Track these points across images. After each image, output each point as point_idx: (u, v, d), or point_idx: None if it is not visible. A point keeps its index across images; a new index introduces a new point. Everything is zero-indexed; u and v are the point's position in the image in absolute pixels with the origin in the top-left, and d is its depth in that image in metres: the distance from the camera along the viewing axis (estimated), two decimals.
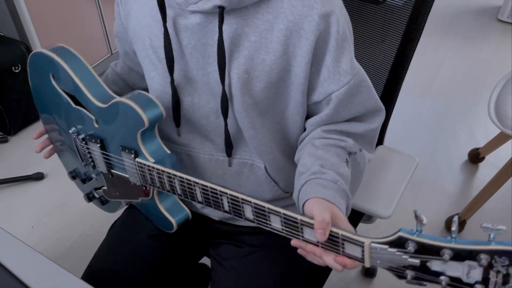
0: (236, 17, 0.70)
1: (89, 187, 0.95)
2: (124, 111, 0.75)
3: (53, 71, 0.82)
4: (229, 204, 0.68)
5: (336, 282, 1.55)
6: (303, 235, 0.63)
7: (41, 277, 0.69)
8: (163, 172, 0.73)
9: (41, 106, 0.94)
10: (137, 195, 0.83)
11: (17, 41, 2.06)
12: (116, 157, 0.81)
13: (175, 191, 0.74)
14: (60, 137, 0.94)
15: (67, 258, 1.63)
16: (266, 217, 0.65)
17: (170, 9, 0.74)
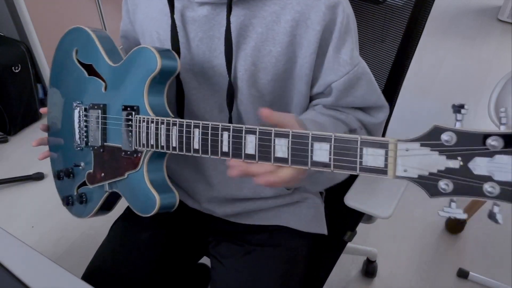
0: (243, 9, 0.71)
1: (72, 184, 0.92)
2: (139, 57, 0.74)
3: (80, 44, 0.86)
4: (230, 140, 0.61)
5: (336, 282, 1.55)
6: (313, 157, 0.54)
7: (41, 277, 0.69)
8: (162, 122, 0.69)
9: (54, 80, 0.95)
10: (124, 169, 0.78)
11: (17, 41, 2.06)
12: (114, 122, 0.79)
13: (169, 144, 0.69)
14: (58, 125, 0.94)
15: (67, 258, 1.63)
16: (271, 146, 0.58)
17: (177, 1, 0.75)
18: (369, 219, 1.08)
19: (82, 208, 0.90)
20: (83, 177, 0.87)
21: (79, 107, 0.84)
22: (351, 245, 1.43)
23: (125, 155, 0.76)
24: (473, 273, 1.55)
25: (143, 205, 0.77)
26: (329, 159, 0.52)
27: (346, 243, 1.03)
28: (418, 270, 1.60)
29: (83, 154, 0.87)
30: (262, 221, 0.90)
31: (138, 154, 0.74)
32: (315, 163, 0.54)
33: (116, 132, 0.78)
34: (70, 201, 0.92)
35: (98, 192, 0.85)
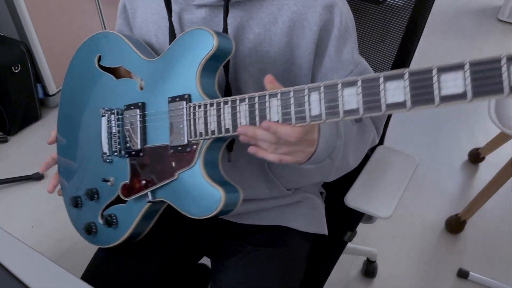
0: (240, 10, 0.71)
1: (96, 207, 0.82)
2: (190, 40, 0.68)
3: (104, 49, 0.81)
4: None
5: (336, 282, 1.55)
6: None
7: (41, 277, 0.69)
8: (226, 102, 0.62)
9: (68, 96, 0.87)
10: (174, 169, 0.69)
11: (17, 41, 2.06)
12: (157, 118, 0.72)
13: (222, 128, 0.63)
14: (74, 144, 0.86)
15: (67, 258, 1.63)
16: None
17: (175, 4, 0.75)
18: (369, 219, 1.08)
19: (111, 233, 0.80)
20: (112, 195, 0.78)
21: (108, 114, 0.78)
22: (351, 245, 1.43)
23: (174, 152, 0.69)
24: (473, 273, 1.55)
25: (202, 205, 0.67)
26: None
27: (346, 243, 1.03)
28: (418, 270, 1.60)
29: (114, 165, 0.78)
30: (263, 221, 0.90)
31: (193, 147, 0.67)
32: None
33: (160, 130, 0.71)
34: (93, 229, 0.82)
35: (134, 207, 0.76)
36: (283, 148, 0.60)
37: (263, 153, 0.60)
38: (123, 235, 0.78)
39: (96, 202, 0.81)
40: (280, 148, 0.59)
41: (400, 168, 1.01)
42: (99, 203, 0.81)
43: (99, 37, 0.83)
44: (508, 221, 1.76)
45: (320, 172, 0.78)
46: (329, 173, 0.78)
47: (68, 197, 0.87)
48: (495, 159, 1.97)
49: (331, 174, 0.80)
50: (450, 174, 1.97)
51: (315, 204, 0.93)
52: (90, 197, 0.81)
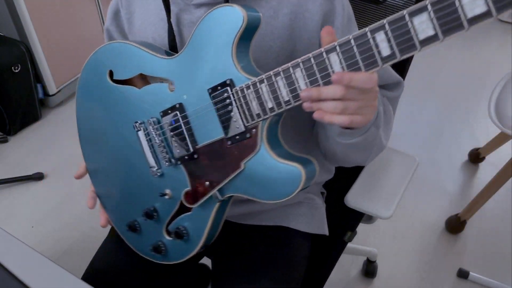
0: None
1: (159, 225, 0.77)
2: (212, 24, 0.63)
3: (112, 63, 0.74)
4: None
5: (336, 282, 1.55)
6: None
7: (41, 277, 0.69)
8: (277, 73, 0.58)
9: (87, 123, 0.81)
10: (238, 160, 0.65)
11: (17, 41, 2.06)
12: (202, 114, 0.67)
13: (280, 101, 0.59)
14: (112, 170, 0.81)
15: (67, 258, 1.63)
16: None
17: (174, 5, 0.75)
18: (369, 219, 1.08)
19: (183, 245, 0.75)
20: (173, 207, 0.74)
21: (143, 126, 0.73)
22: (351, 245, 1.44)
23: (233, 143, 0.65)
24: (473, 273, 1.55)
25: (281, 187, 0.63)
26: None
27: (346, 243, 1.03)
28: (418, 270, 1.60)
29: (166, 177, 0.74)
30: (264, 221, 0.90)
31: (252, 132, 0.63)
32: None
33: (209, 125, 0.66)
34: (162, 247, 0.77)
35: (203, 211, 0.72)
36: (351, 105, 0.55)
37: (331, 117, 0.56)
38: (198, 243, 0.73)
39: (156, 220, 0.77)
40: (348, 106, 0.55)
41: (400, 168, 1.01)
42: (160, 220, 0.77)
43: (103, 52, 0.76)
44: (508, 221, 1.76)
45: (363, 148, 0.72)
46: (371, 147, 0.73)
47: (124, 224, 0.81)
48: (495, 159, 1.97)
49: (372, 152, 0.75)
50: (450, 174, 1.97)
51: (316, 204, 0.93)
52: (149, 216, 0.76)
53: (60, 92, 2.30)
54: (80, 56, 2.30)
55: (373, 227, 1.69)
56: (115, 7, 0.86)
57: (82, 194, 1.78)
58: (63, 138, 2.16)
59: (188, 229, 0.73)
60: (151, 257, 0.80)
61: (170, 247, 0.77)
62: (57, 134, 2.18)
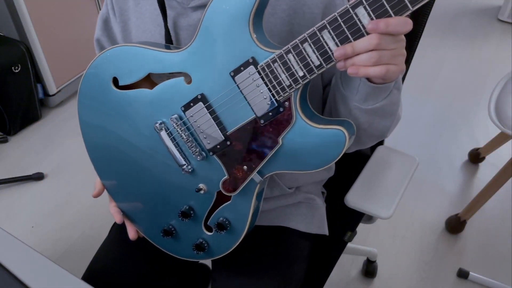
0: None
1: (197, 223, 0.76)
2: (223, 5, 0.61)
3: (116, 69, 0.71)
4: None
5: (336, 282, 1.55)
6: None
7: (41, 277, 0.69)
8: (303, 40, 0.57)
9: (100, 138, 0.78)
10: (275, 136, 0.64)
11: (17, 41, 2.06)
12: (227, 100, 0.65)
13: (312, 67, 0.58)
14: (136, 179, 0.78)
15: (67, 258, 1.63)
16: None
17: (170, 9, 0.74)
18: (369, 219, 1.08)
19: (226, 237, 0.75)
20: (209, 202, 0.73)
21: (164, 126, 0.71)
22: (351, 245, 1.44)
23: (267, 120, 0.63)
24: (473, 273, 1.55)
25: (325, 153, 0.62)
26: None
27: (346, 243, 1.03)
28: (418, 270, 1.60)
29: (199, 171, 0.72)
30: (264, 221, 0.90)
31: (285, 105, 0.62)
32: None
33: (238, 109, 0.65)
34: (204, 245, 0.76)
35: (243, 197, 0.71)
36: (386, 54, 0.54)
37: (366, 70, 0.55)
38: (243, 231, 0.72)
39: (194, 218, 0.75)
40: (383, 54, 0.54)
41: (400, 168, 1.01)
42: (196, 218, 0.75)
43: (103, 60, 0.73)
44: (508, 221, 1.76)
45: (388, 113, 0.71)
46: (395, 113, 0.72)
47: (158, 231, 0.80)
48: (495, 159, 1.97)
49: (394, 119, 0.74)
50: (450, 174, 1.97)
51: (316, 205, 0.93)
52: (186, 216, 0.75)
53: (60, 92, 2.30)
54: (80, 56, 2.31)
55: (373, 227, 1.69)
56: (105, 16, 0.84)
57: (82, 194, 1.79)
58: (63, 138, 2.16)
59: (230, 219, 0.72)
60: (194, 257, 0.79)
61: (213, 242, 0.76)
62: (57, 134, 2.18)
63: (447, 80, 2.55)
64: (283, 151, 0.64)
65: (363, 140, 0.76)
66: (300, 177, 0.87)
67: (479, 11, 3.24)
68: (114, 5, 0.81)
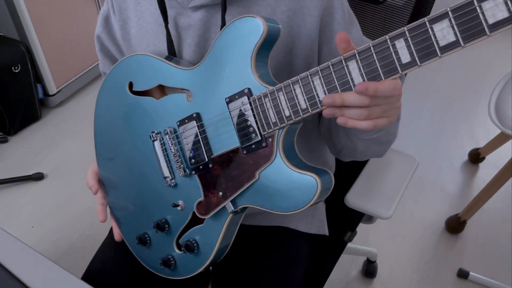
0: (238, 6, 0.71)
1: (169, 238, 0.77)
2: (233, 34, 0.63)
3: (133, 75, 0.76)
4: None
5: (336, 282, 1.55)
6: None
7: (41, 277, 0.69)
8: (295, 82, 0.58)
9: (106, 139, 0.82)
10: (253, 170, 0.65)
11: (17, 41, 2.06)
12: (218, 124, 0.67)
13: (298, 109, 0.59)
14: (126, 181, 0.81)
15: (67, 258, 1.63)
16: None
17: (171, 9, 0.74)
18: (369, 219, 1.08)
19: (193, 259, 0.74)
20: (185, 219, 0.74)
21: (159, 136, 0.73)
22: (351, 245, 1.44)
23: (248, 152, 0.65)
24: (473, 273, 1.55)
25: (295, 197, 0.62)
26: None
27: (346, 243, 1.03)
28: (418, 270, 1.60)
29: (180, 188, 0.74)
30: (264, 222, 0.90)
31: (268, 141, 0.63)
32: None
33: (225, 135, 0.67)
34: (171, 261, 0.76)
35: (214, 224, 0.71)
36: (376, 111, 0.54)
37: (355, 123, 0.55)
38: (209, 257, 0.72)
39: (167, 233, 0.76)
40: (373, 111, 0.54)
41: (400, 168, 1.01)
42: (171, 233, 0.76)
43: (125, 64, 0.77)
44: (508, 221, 1.76)
45: (385, 141, 0.72)
46: (392, 139, 0.72)
47: (134, 237, 0.81)
48: (495, 159, 1.97)
49: (390, 144, 0.74)
50: (450, 174, 1.97)
51: (316, 205, 0.93)
52: (160, 229, 0.75)
53: (60, 92, 2.30)
54: (80, 56, 2.31)
55: (373, 227, 1.69)
56: (105, 13, 0.85)
57: (82, 194, 1.79)
58: (63, 138, 2.16)
59: (199, 242, 0.73)
60: (160, 271, 0.80)
61: (180, 262, 0.76)
62: (57, 134, 2.18)
63: (447, 80, 2.55)
64: (258, 186, 0.65)
65: (358, 158, 0.78)
66: None
67: None
68: (114, 3, 0.82)
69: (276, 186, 0.63)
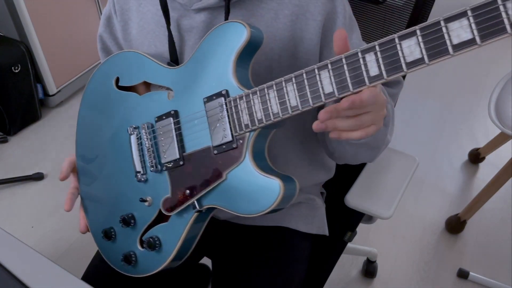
0: (241, 9, 0.71)
1: (133, 234, 0.77)
2: (218, 37, 0.66)
3: (120, 70, 0.78)
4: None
5: (336, 282, 1.55)
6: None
7: (41, 277, 0.69)
8: (270, 87, 0.60)
9: (87, 130, 0.84)
10: (221, 170, 0.66)
11: (17, 41, 2.06)
12: (194, 122, 0.69)
13: (269, 113, 0.61)
14: (99, 173, 0.82)
15: (67, 258, 1.63)
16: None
17: (173, 11, 0.74)
18: (369, 219, 1.08)
19: (154, 257, 0.74)
20: (151, 216, 0.74)
21: (136, 131, 0.75)
22: (351, 245, 1.44)
23: (219, 152, 0.66)
24: (473, 273, 1.55)
25: (258, 200, 0.63)
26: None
27: (346, 243, 1.03)
28: (418, 270, 1.60)
29: (150, 183, 0.75)
30: (264, 222, 0.90)
31: (239, 142, 0.64)
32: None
33: (199, 133, 0.68)
34: (133, 258, 0.76)
35: (178, 222, 0.71)
36: (366, 119, 0.57)
37: (348, 134, 0.57)
38: (169, 256, 0.72)
39: (133, 228, 0.76)
40: (363, 120, 0.56)
41: (400, 168, 1.01)
42: (136, 228, 0.76)
43: (113, 60, 0.79)
44: (508, 221, 1.76)
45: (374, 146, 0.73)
46: (381, 145, 0.73)
47: (100, 230, 0.81)
48: (495, 159, 1.97)
49: (380, 149, 0.75)
50: (450, 174, 1.97)
51: (316, 205, 0.93)
52: (127, 223, 0.76)
53: (60, 92, 2.30)
54: (80, 56, 2.31)
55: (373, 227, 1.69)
56: (108, 13, 0.85)
57: None
58: (63, 138, 2.16)
59: (162, 239, 0.73)
60: (120, 268, 0.79)
61: (141, 259, 0.76)
62: (57, 134, 2.18)
63: (447, 80, 2.55)
64: (224, 186, 0.66)
65: (350, 161, 0.79)
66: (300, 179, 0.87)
67: None
68: (116, 5, 0.82)
69: (241, 187, 0.64)
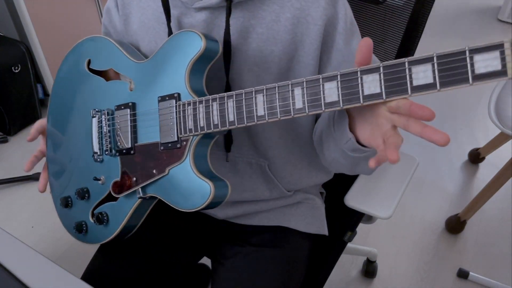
0: (242, 10, 0.71)
1: (87, 206, 0.84)
2: (179, 41, 0.71)
3: (93, 53, 0.84)
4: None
5: (336, 282, 1.55)
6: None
7: (41, 277, 0.69)
8: (214, 99, 0.65)
9: (58, 99, 0.90)
10: (165, 165, 0.72)
11: (17, 41, 2.06)
12: (148, 117, 0.74)
13: (210, 123, 0.66)
14: (63, 145, 0.88)
15: (67, 258, 1.63)
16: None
17: (174, 8, 0.74)
18: (369, 219, 1.08)
19: (102, 230, 0.81)
20: (103, 193, 0.81)
21: (98, 114, 0.80)
22: (351, 245, 1.44)
23: (165, 149, 0.71)
24: (473, 273, 1.55)
25: (192, 198, 0.70)
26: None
27: (346, 243, 1.03)
28: (418, 270, 1.60)
29: (105, 164, 0.81)
30: (263, 222, 0.90)
31: (182, 144, 0.70)
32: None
33: (151, 128, 0.74)
34: (84, 227, 0.84)
35: (125, 204, 0.78)
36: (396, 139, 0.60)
37: (397, 155, 0.58)
38: (114, 232, 0.80)
39: (87, 201, 0.83)
40: (396, 139, 0.59)
41: (400, 168, 1.01)
42: (89, 202, 0.83)
43: (89, 42, 0.86)
44: (508, 221, 1.76)
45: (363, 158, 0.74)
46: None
47: (58, 197, 0.89)
48: (495, 159, 1.97)
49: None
50: (450, 174, 1.97)
51: (316, 204, 0.93)
52: (81, 196, 0.83)
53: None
54: None
55: (373, 227, 1.69)
56: (108, 7, 0.87)
57: None
58: None
59: (109, 216, 0.80)
60: (73, 234, 0.87)
61: (91, 229, 0.83)
62: None
63: None
64: (166, 180, 0.72)
65: (347, 172, 0.80)
66: (299, 181, 0.87)
67: (479, 11, 3.25)
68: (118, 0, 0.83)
69: (179, 184, 0.71)
